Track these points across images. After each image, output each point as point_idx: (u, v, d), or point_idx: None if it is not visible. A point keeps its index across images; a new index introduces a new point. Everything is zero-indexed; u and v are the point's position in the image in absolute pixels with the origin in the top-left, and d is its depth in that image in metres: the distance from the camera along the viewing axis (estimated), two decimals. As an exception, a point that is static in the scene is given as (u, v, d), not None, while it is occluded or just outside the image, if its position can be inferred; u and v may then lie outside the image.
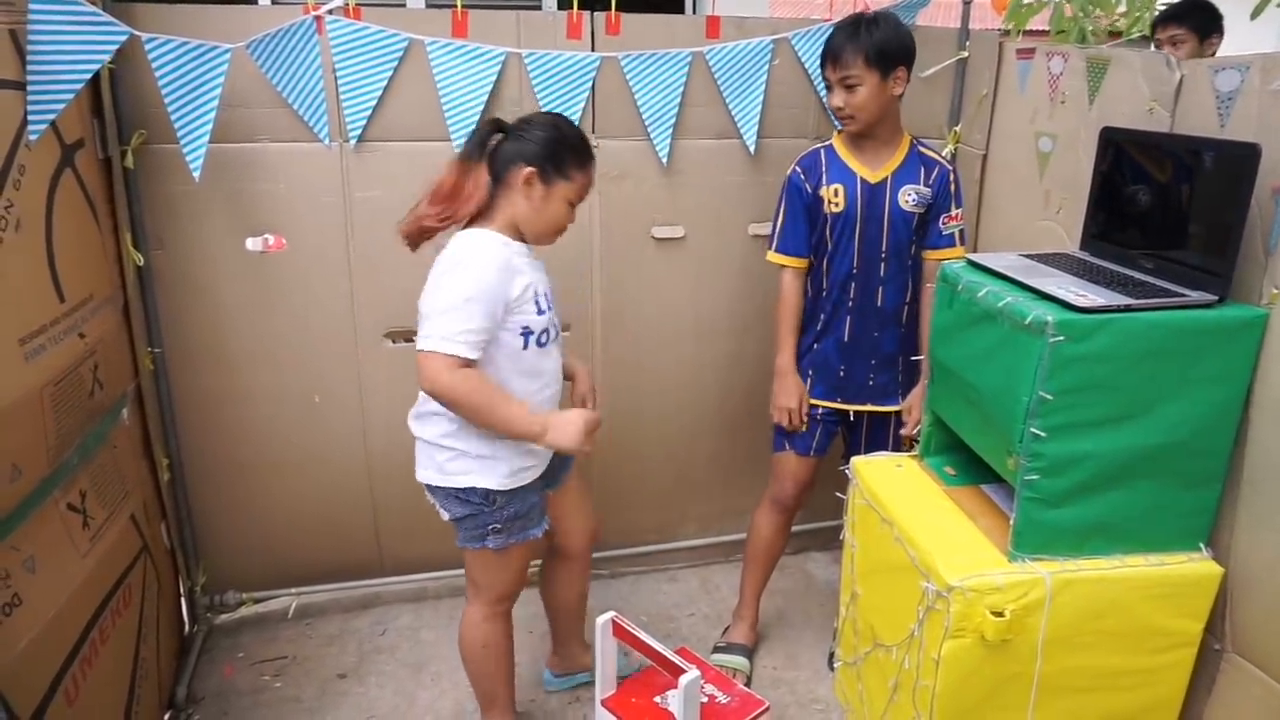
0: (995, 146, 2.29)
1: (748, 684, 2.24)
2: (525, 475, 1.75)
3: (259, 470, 2.35)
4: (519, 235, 1.71)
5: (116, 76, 1.95)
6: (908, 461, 2.01)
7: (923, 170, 2.06)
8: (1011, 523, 1.63)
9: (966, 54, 2.37)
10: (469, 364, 1.59)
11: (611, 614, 1.84)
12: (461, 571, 2.57)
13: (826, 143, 2.12)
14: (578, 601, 2.16)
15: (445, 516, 1.78)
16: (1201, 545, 1.66)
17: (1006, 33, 2.36)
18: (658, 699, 1.84)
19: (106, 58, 1.79)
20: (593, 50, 2.21)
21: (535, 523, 1.80)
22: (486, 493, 1.71)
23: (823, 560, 2.82)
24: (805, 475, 2.25)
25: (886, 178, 2.04)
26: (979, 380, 1.71)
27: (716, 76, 2.29)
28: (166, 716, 2.12)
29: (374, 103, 2.10)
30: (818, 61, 2.32)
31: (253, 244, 2.18)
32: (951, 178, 2.08)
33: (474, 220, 1.70)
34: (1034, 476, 1.57)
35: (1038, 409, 1.53)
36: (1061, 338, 1.48)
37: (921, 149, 2.09)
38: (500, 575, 1.83)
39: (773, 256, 2.16)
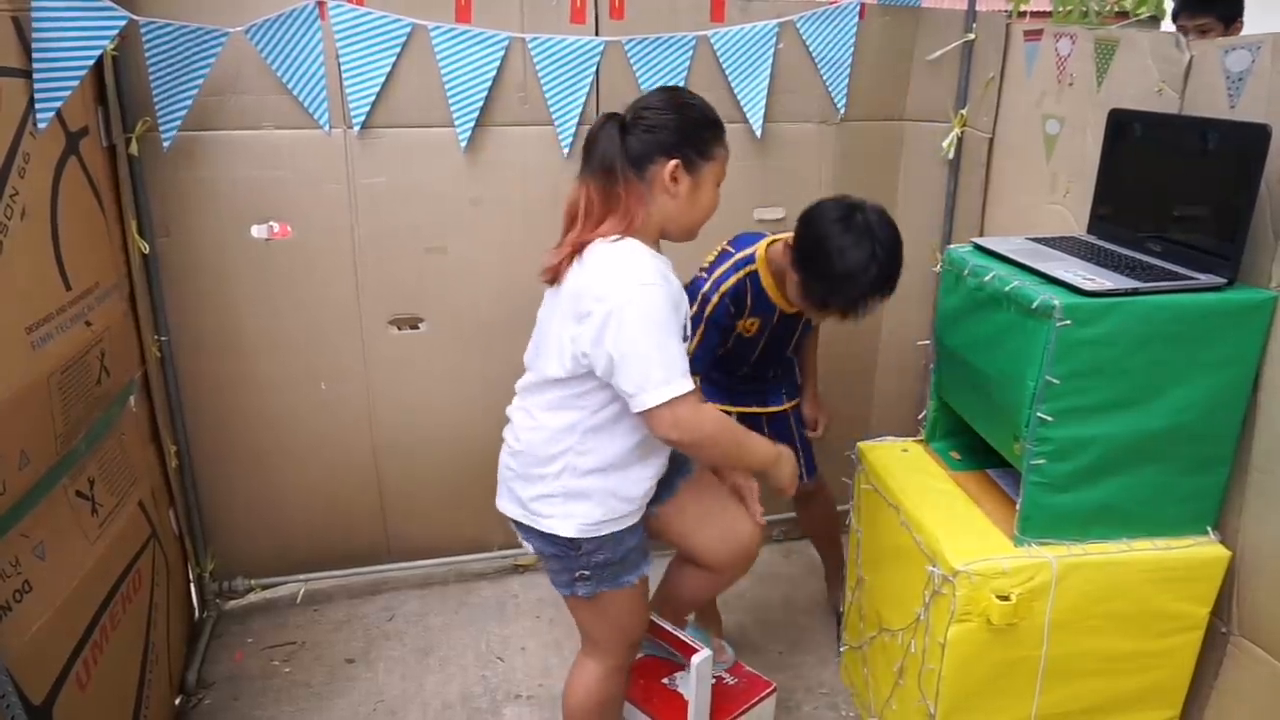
0: (1002, 130, 2.28)
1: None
2: (618, 522, 1.53)
3: (266, 457, 2.36)
4: (657, 243, 1.51)
5: (120, 64, 1.95)
6: (913, 446, 2.01)
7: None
8: (1018, 507, 1.63)
9: (973, 36, 2.35)
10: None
11: None
12: (469, 556, 2.62)
13: (751, 270, 1.90)
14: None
15: (529, 549, 1.62)
16: (1209, 529, 1.66)
17: (1015, 14, 2.33)
18: (665, 681, 1.85)
19: (108, 43, 1.79)
20: (597, 34, 2.20)
21: (633, 567, 1.58)
22: (570, 540, 1.52)
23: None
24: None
25: (794, 310, 1.94)
26: (985, 365, 1.70)
27: (721, 60, 2.27)
28: (177, 701, 2.14)
29: (377, 89, 2.10)
30: (824, 45, 2.32)
31: (258, 231, 2.18)
32: None
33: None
34: (1040, 461, 1.57)
35: (1044, 393, 1.52)
36: (1068, 321, 1.47)
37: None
38: (603, 625, 1.63)
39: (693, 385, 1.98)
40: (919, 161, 2.51)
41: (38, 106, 1.65)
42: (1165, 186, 1.68)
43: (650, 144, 1.43)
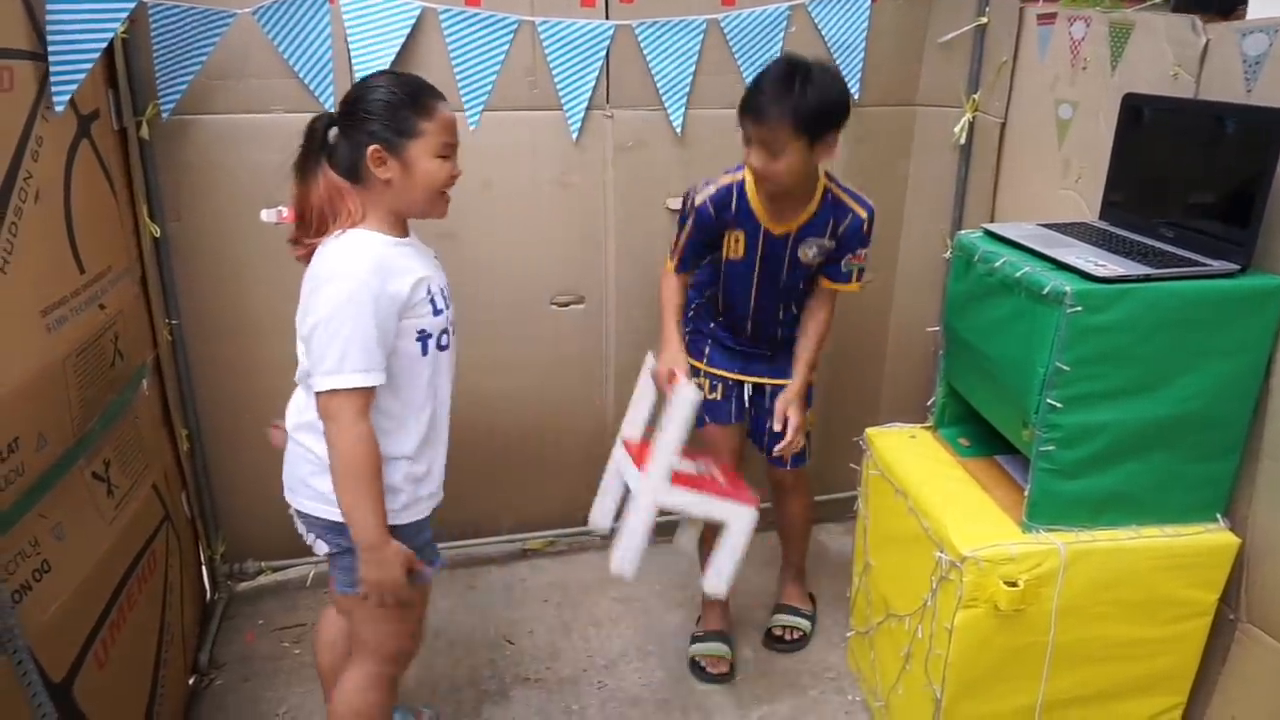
0: (1014, 114, 2.26)
1: (731, 670, 2.22)
2: (421, 507, 1.54)
3: (276, 441, 2.37)
4: (403, 226, 1.53)
5: (130, 47, 1.95)
6: (922, 432, 2.01)
7: (832, 222, 1.93)
8: (1026, 493, 1.63)
9: (986, 20, 2.33)
10: (370, 395, 1.41)
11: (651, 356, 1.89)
12: (477, 540, 2.63)
13: (739, 178, 1.92)
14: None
15: (321, 551, 1.55)
16: (1218, 516, 1.66)
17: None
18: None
19: (118, 26, 1.79)
20: (607, 18, 2.19)
21: (430, 560, 1.57)
22: None
23: (836, 531, 2.83)
24: (736, 443, 2.21)
25: (791, 231, 1.93)
26: (994, 351, 1.70)
27: (732, 44, 2.26)
28: (191, 681, 2.16)
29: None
30: (836, 29, 2.30)
31: (267, 215, 2.18)
32: (865, 225, 1.94)
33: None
34: (1050, 447, 1.57)
35: (1054, 379, 1.52)
36: (1079, 308, 1.46)
37: (836, 194, 1.93)
38: (386, 628, 1.58)
39: (671, 268, 2.04)
40: (930, 147, 2.50)
41: (54, 89, 1.65)
42: (1179, 172, 1.67)
43: (356, 138, 1.44)
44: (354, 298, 1.38)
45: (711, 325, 2.16)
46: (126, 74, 1.97)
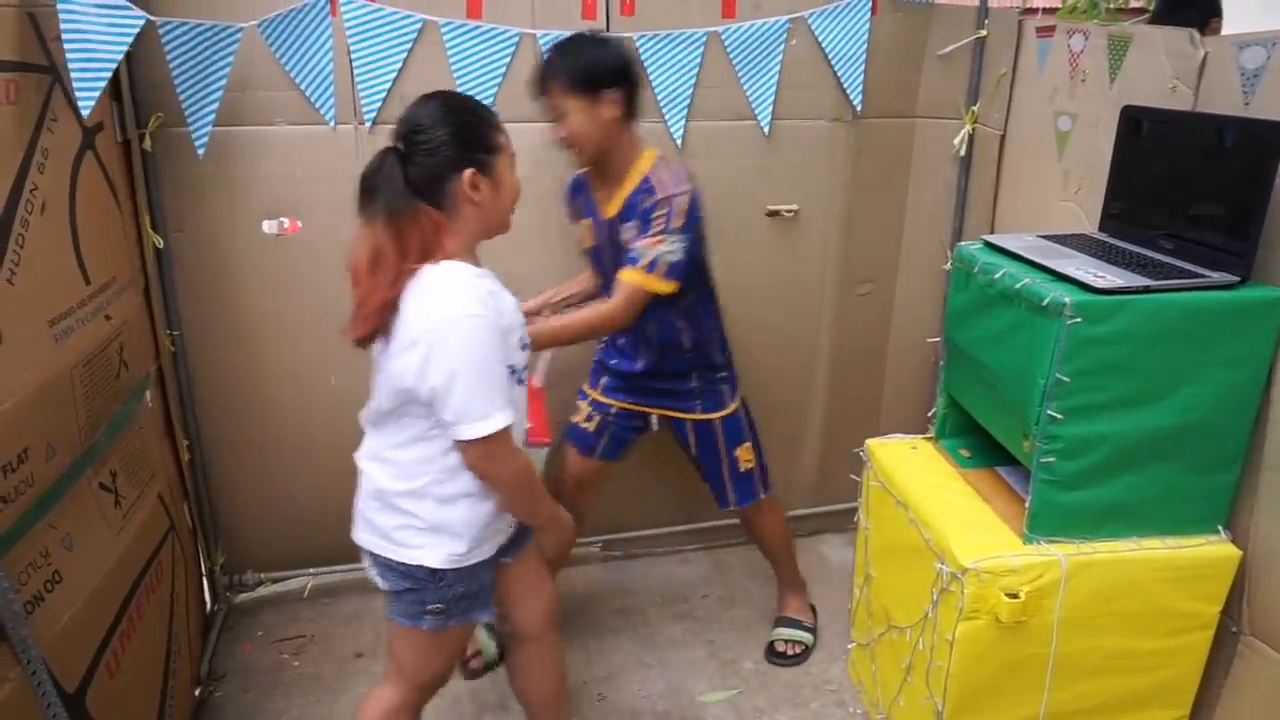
0: (1013, 126, 2.27)
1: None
2: (482, 551, 1.51)
3: (276, 451, 2.37)
4: (474, 253, 1.49)
5: (133, 59, 1.96)
6: (923, 444, 2.01)
7: (644, 200, 1.87)
8: (1027, 505, 1.62)
9: (985, 33, 2.34)
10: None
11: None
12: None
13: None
14: (554, 692, 1.83)
15: (381, 585, 1.54)
16: (1219, 528, 1.65)
17: (1028, 11, 2.33)
18: None
19: (127, 44, 1.80)
20: (608, 30, 2.20)
21: (483, 604, 1.56)
22: (433, 570, 1.47)
23: (836, 543, 2.83)
24: (582, 473, 2.22)
25: (616, 214, 1.93)
26: (995, 362, 1.70)
27: (732, 57, 2.27)
28: (196, 692, 2.16)
29: (389, 84, 2.11)
30: (836, 41, 2.31)
31: (269, 226, 2.19)
32: (661, 209, 1.84)
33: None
34: (1050, 459, 1.57)
35: (1054, 391, 1.52)
36: (1079, 319, 1.47)
37: (657, 173, 1.89)
38: (431, 659, 1.59)
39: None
40: (930, 158, 2.51)
41: (80, 101, 1.69)
42: (1178, 184, 1.67)
43: (438, 166, 1.38)
44: (482, 338, 1.35)
45: (601, 350, 2.20)
46: (130, 86, 1.99)
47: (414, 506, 1.45)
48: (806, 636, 2.33)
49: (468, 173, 1.39)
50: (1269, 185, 1.45)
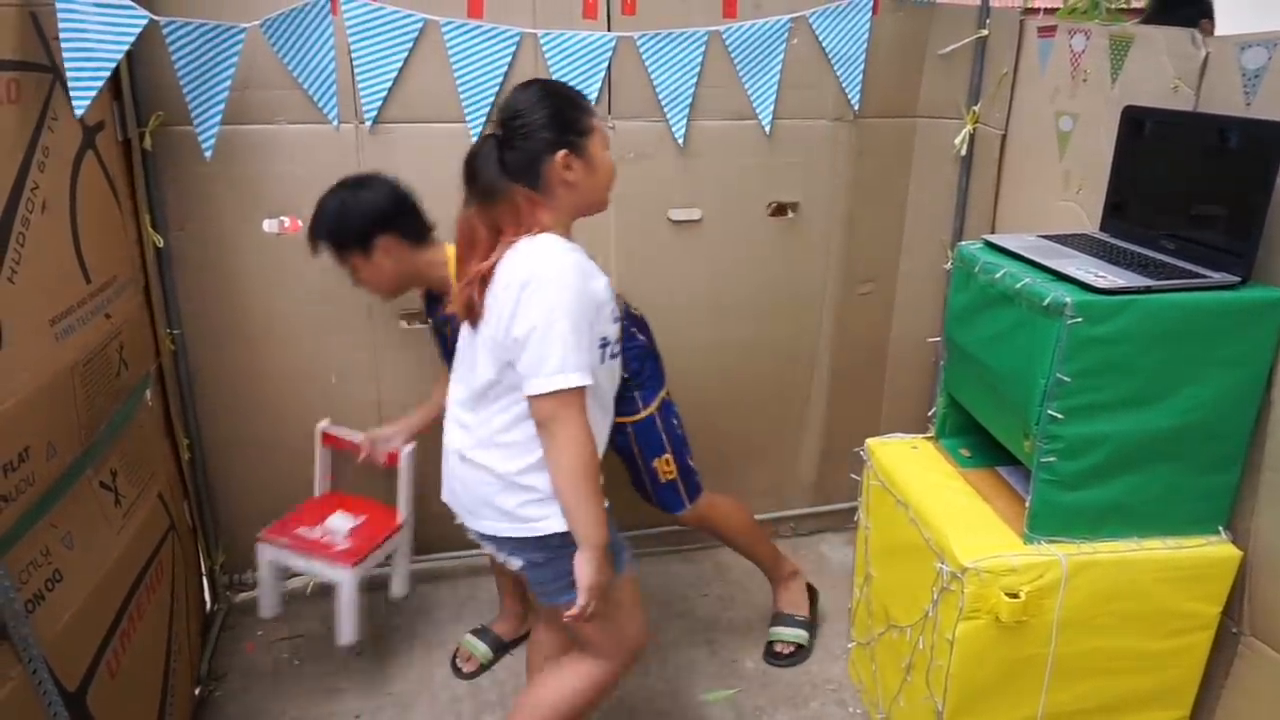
0: (1015, 126, 2.27)
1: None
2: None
3: (276, 450, 2.37)
4: (570, 232, 1.52)
5: (134, 58, 1.96)
6: (923, 443, 2.01)
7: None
8: (1027, 505, 1.62)
9: (986, 32, 2.34)
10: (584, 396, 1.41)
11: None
12: (478, 550, 2.62)
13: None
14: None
15: (516, 564, 1.57)
16: (1220, 528, 1.65)
17: (1029, 11, 2.32)
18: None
19: (129, 43, 1.80)
20: (609, 30, 2.20)
21: (621, 548, 1.56)
22: (563, 534, 1.48)
23: (836, 542, 2.83)
24: None
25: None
26: (995, 362, 1.70)
27: (733, 56, 2.27)
28: (196, 691, 2.16)
29: (389, 84, 2.11)
30: (837, 41, 2.31)
31: (269, 225, 2.19)
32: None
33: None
34: (1051, 459, 1.57)
35: (1055, 391, 1.52)
36: (1080, 319, 1.47)
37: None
38: (612, 624, 1.58)
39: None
40: (931, 158, 2.51)
41: (74, 99, 1.68)
42: (1179, 184, 1.67)
43: (534, 149, 1.43)
44: (567, 298, 1.38)
45: None
46: (130, 85, 1.99)
47: (533, 480, 1.48)
48: (800, 634, 2.33)
49: (560, 154, 1.43)
50: (1270, 186, 1.45)
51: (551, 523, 1.49)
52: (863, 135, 2.44)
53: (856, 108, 2.38)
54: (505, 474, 1.50)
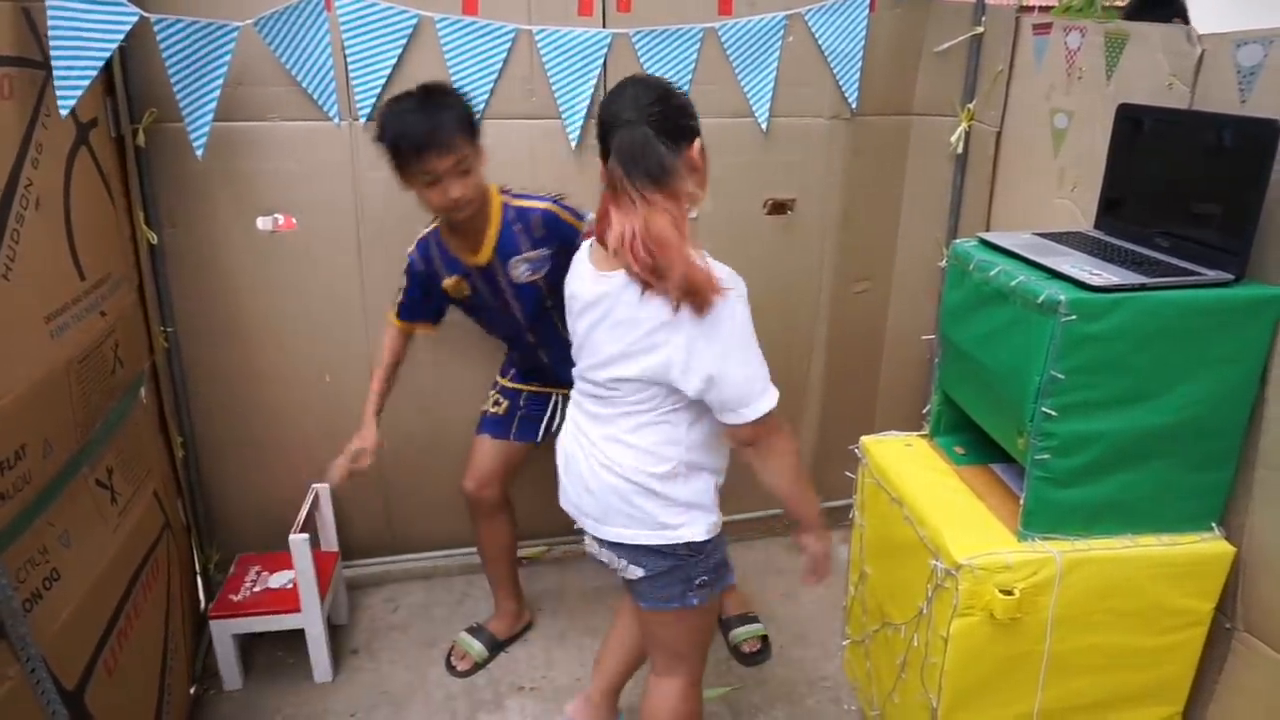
0: (1010, 124, 2.27)
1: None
2: (720, 516, 1.56)
3: (270, 448, 2.37)
4: None
5: (127, 54, 1.96)
6: (917, 441, 2.01)
7: (522, 230, 1.93)
8: (1022, 502, 1.62)
9: (982, 29, 2.34)
10: None
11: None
12: (473, 549, 2.62)
13: (431, 227, 1.99)
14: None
15: (636, 574, 1.53)
16: (1213, 525, 1.66)
17: (1024, 8, 2.33)
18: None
19: (120, 39, 1.80)
20: (604, 26, 2.20)
21: (730, 567, 1.60)
22: (697, 544, 1.50)
23: (832, 539, 2.82)
24: (503, 458, 2.21)
25: (491, 258, 1.94)
26: (990, 360, 1.70)
27: (729, 53, 2.27)
28: (192, 690, 2.15)
29: (383, 80, 2.10)
30: (833, 38, 2.31)
31: (263, 223, 2.19)
32: (559, 213, 1.94)
33: None
34: (1045, 456, 1.57)
35: (1049, 388, 1.52)
36: (1074, 317, 1.47)
37: (512, 203, 1.93)
38: (702, 633, 1.64)
39: (391, 318, 2.10)
40: (926, 156, 2.51)
41: (58, 99, 1.67)
42: (1174, 182, 1.67)
43: (674, 139, 1.39)
44: (741, 314, 1.38)
45: (513, 371, 2.22)
46: (123, 81, 1.98)
47: (668, 488, 1.47)
48: (758, 628, 2.35)
49: (697, 143, 1.43)
50: (1264, 183, 1.45)
51: (685, 531, 1.49)
52: (859, 133, 2.44)
53: (854, 106, 2.38)
54: (636, 477, 1.47)
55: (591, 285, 1.45)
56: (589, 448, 1.53)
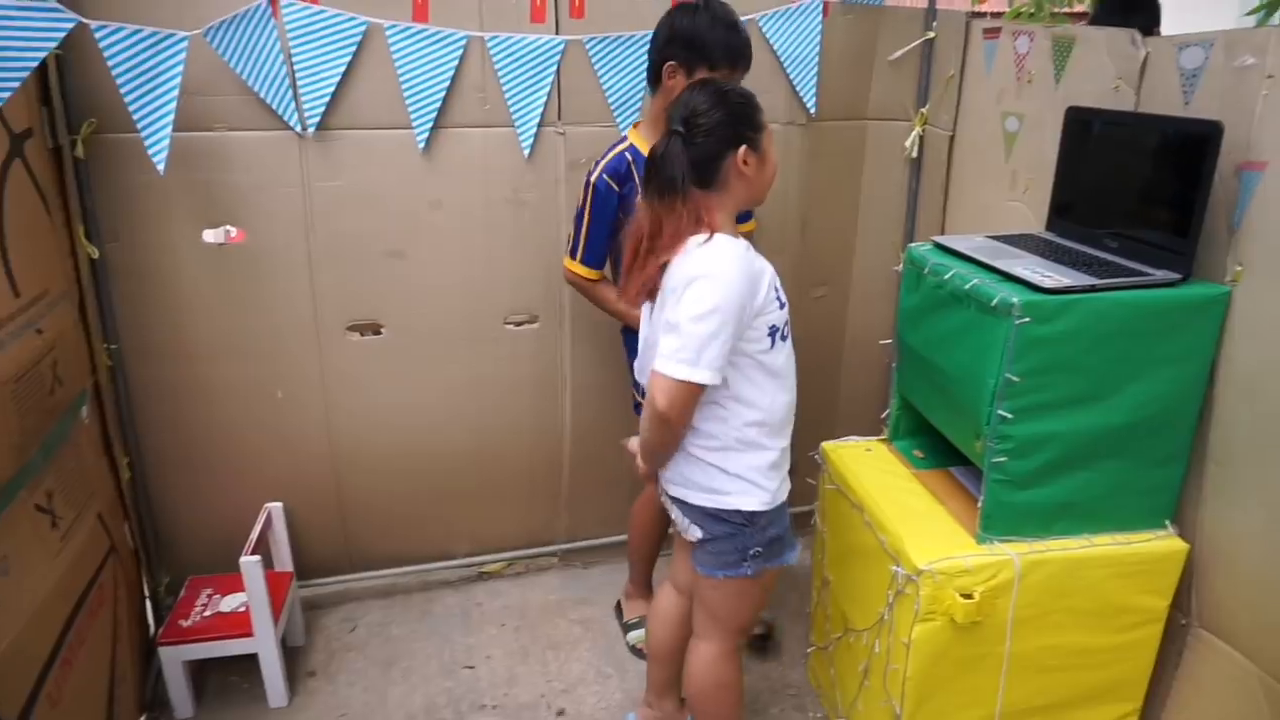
0: (962, 127, 2.29)
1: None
2: (783, 492, 1.64)
3: (221, 467, 2.30)
4: (734, 225, 1.59)
5: (64, 63, 1.89)
6: (877, 445, 2.01)
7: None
8: (980, 505, 1.63)
9: (933, 35, 2.36)
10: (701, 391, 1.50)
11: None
12: (432, 565, 2.58)
13: (624, 140, 2.00)
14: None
15: (696, 535, 1.64)
16: (1167, 523, 1.67)
17: (975, 14, 2.35)
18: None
19: (54, 45, 1.74)
20: (557, 33, 2.18)
21: (790, 545, 1.68)
22: (749, 514, 1.59)
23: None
24: None
25: None
26: (946, 363, 1.70)
27: (683, 60, 2.25)
28: (143, 718, 2.09)
29: (332, 89, 2.06)
30: (788, 43, 2.31)
31: (211, 236, 2.13)
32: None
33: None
34: (1002, 458, 1.57)
35: (1005, 391, 1.52)
36: (1027, 319, 1.47)
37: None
38: (748, 605, 1.72)
39: (575, 266, 2.04)
40: (882, 160, 2.52)
41: None
42: (1121, 183, 1.69)
43: (716, 145, 1.51)
44: (726, 300, 1.45)
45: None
46: (60, 91, 1.91)
47: (721, 460, 1.57)
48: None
49: (742, 149, 1.52)
50: (1208, 183, 1.47)
51: (735, 499, 1.58)
52: (817, 138, 2.44)
53: (812, 111, 2.38)
54: (691, 451, 1.59)
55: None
56: (700, 443, 1.62)
